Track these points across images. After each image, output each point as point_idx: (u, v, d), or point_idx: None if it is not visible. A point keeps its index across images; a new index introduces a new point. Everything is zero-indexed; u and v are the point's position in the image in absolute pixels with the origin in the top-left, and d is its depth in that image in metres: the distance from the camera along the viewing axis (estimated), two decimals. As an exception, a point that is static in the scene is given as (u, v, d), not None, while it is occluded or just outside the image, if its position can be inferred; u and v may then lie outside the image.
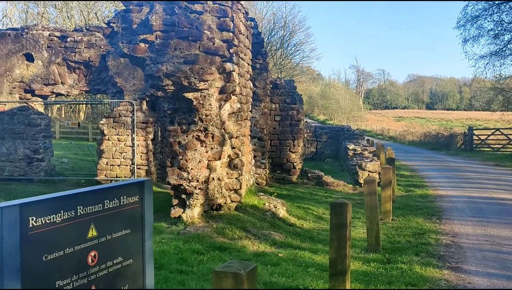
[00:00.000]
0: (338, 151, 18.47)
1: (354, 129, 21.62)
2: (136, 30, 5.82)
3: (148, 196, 1.99)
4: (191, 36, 6.08)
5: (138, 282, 1.94)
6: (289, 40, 41.14)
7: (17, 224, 1.43)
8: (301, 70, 46.92)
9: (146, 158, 11.37)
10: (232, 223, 7.13)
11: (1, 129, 11.17)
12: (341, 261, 4.38)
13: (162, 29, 5.90)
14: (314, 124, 25.13)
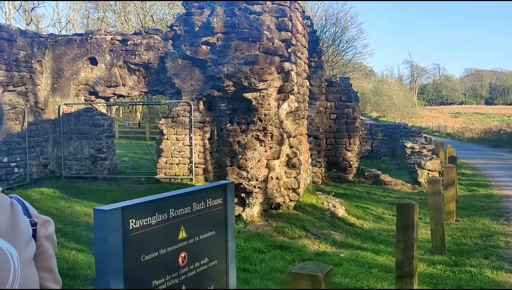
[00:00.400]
0: (395, 149, 18.04)
1: (410, 127, 21.02)
2: (198, 33, 5.95)
3: (230, 198, 2.04)
4: (251, 37, 6.13)
5: (222, 283, 1.99)
6: (341, 36, 40.60)
7: (119, 226, 1.50)
8: (353, 66, 46.20)
9: (204, 157, 11.59)
10: (291, 222, 7.14)
11: (69, 129, 11.76)
12: (408, 263, 4.29)
13: (223, 31, 5.99)
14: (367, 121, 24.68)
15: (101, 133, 11.98)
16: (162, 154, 11.54)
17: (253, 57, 6.16)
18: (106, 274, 1.49)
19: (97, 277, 1.52)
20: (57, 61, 11.81)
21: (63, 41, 11.86)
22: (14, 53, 10.62)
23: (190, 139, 11.40)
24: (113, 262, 1.50)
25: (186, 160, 11.50)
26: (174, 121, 11.50)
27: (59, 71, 11.79)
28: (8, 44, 10.45)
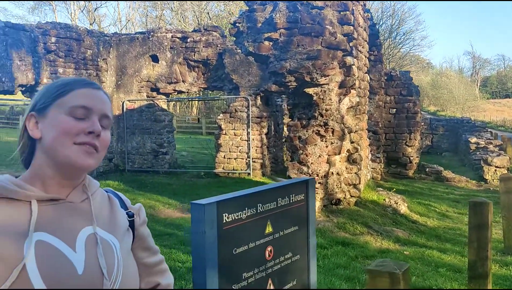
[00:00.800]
0: (457, 144, 17.37)
1: (475, 121, 20.15)
2: (261, 29, 5.99)
3: (312, 194, 2.06)
4: (314, 32, 6.10)
5: (304, 277, 2.02)
6: (398, 28, 39.46)
7: (214, 219, 1.56)
8: (410, 59, 44.80)
9: (261, 152, 11.68)
10: (352, 218, 7.07)
11: (132, 125, 12.21)
12: (481, 264, 4.14)
13: (285, 26, 6.00)
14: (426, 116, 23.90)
15: (162, 128, 12.36)
16: (220, 149, 11.75)
17: (315, 52, 6.13)
18: (203, 265, 1.55)
19: (194, 268, 1.59)
20: (120, 59, 12.28)
21: (126, 40, 12.31)
22: (82, 52, 11.15)
23: (248, 134, 11.53)
24: (209, 254, 1.56)
25: (243, 155, 11.64)
26: (232, 116, 11.67)
27: (122, 68, 12.26)
28: (76, 44, 10.99)
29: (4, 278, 1.02)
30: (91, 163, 1.15)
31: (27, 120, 1.19)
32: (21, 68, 9.74)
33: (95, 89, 1.21)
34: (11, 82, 9.51)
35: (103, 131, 1.18)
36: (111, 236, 1.23)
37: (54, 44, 10.42)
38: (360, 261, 5.54)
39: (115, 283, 1.15)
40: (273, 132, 12.53)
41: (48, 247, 1.09)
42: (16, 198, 1.12)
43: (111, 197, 1.35)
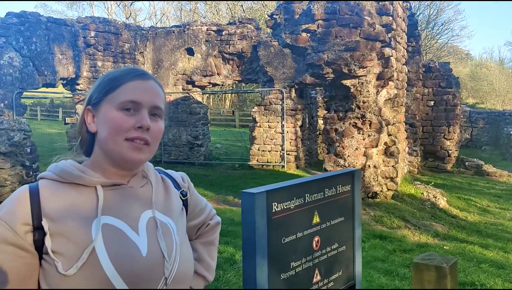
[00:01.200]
0: (498, 138, 16.82)
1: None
2: (298, 20, 5.95)
3: (357, 186, 2.05)
4: (352, 23, 6.02)
5: (349, 269, 2.01)
6: (436, 18, 38.40)
7: (264, 208, 1.57)
8: (448, 50, 43.55)
9: (295, 144, 11.66)
10: (389, 211, 6.98)
11: (168, 117, 12.40)
12: (527, 260, 4.02)
13: (323, 17, 5.94)
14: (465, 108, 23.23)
15: (197, 120, 12.50)
16: (254, 141, 11.79)
17: (353, 43, 6.04)
18: (253, 254, 1.57)
19: (244, 256, 1.61)
20: (157, 52, 12.46)
21: (162, 33, 12.48)
22: (120, 46, 11.37)
23: (282, 126, 11.52)
24: (260, 242, 1.58)
25: (278, 147, 11.65)
26: (267, 109, 11.68)
27: (158, 61, 12.44)
28: (115, 38, 11.21)
29: (75, 258, 1.07)
30: (142, 157, 1.18)
31: (85, 114, 1.23)
32: (62, 62, 10.03)
33: (145, 80, 1.21)
34: (53, 75, 9.81)
35: (154, 122, 1.19)
36: (169, 219, 1.27)
37: (93, 38, 10.67)
38: (398, 255, 5.47)
39: (174, 265, 1.20)
40: (307, 124, 12.47)
41: (114, 230, 1.14)
42: (81, 183, 1.16)
43: (164, 178, 1.38)
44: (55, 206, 1.11)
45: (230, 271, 4.79)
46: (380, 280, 4.59)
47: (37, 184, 1.17)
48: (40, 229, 1.08)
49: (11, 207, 1.10)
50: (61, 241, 1.08)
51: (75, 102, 11.68)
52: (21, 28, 9.04)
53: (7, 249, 1.06)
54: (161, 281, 1.16)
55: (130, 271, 1.10)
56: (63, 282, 1.05)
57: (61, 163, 1.20)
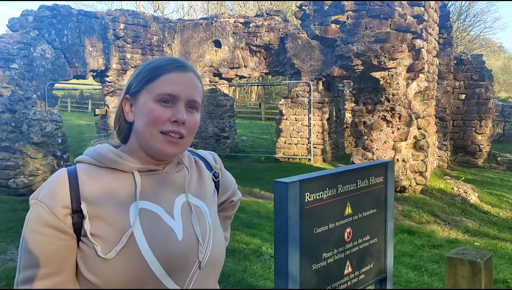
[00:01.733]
0: (531, 133, 16.33)
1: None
2: (328, 11, 5.88)
3: (390, 177, 2.01)
4: (382, 14, 5.91)
5: (381, 261, 1.99)
6: (468, 10, 37.37)
7: (297, 198, 1.56)
8: (481, 42, 42.39)
9: (322, 137, 11.58)
10: (418, 206, 6.87)
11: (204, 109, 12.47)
12: None
13: (353, 8, 5.86)
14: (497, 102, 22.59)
15: (223, 112, 12.54)
16: (281, 134, 11.76)
17: (384, 35, 5.94)
18: (286, 243, 1.57)
19: (276, 245, 1.61)
20: (184, 44, 12.53)
21: (190, 25, 12.54)
22: (148, 38, 11.48)
23: (309, 119, 11.45)
24: (292, 232, 1.57)
25: (304, 140, 11.59)
26: (293, 102, 11.63)
27: (186, 54, 12.52)
28: (143, 30, 11.33)
29: (113, 242, 1.09)
30: (176, 151, 1.19)
31: (123, 103, 1.24)
32: (93, 54, 10.19)
33: (184, 72, 1.21)
34: (83, 67, 9.98)
35: (190, 115, 1.19)
36: (202, 202, 1.28)
37: (122, 30, 10.80)
38: (427, 250, 5.39)
39: (207, 249, 1.21)
40: (334, 117, 12.36)
41: (151, 215, 1.15)
42: (118, 168, 1.18)
43: (197, 160, 1.38)
44: (93, 189, 1.13)
45: (256, 262, 4.81)
46: (408, 275, 4.53)
47: (74, 168, 1.18)
48: (79, 212, 1.10)
49: (50, 190, 1.11)
50: (99, 224, 1.10)
51: (104, 94, 11.87)
52: (53, 20, 9.22)
53: (47, 232, 1.08)
54: (195, 265, 1.17)
55: (167, 255, 1.12)
56: (102, 265, 1.07)
57: (97, 147, 1.22)
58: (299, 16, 6.05)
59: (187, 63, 1.27)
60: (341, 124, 13.11)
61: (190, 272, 1.16)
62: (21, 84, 8.44)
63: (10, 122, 8.11)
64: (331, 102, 12.00)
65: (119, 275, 1.07)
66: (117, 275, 1.07)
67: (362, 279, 1.91)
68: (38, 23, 8.95)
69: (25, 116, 8.11)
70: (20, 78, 8.47)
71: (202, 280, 1.20)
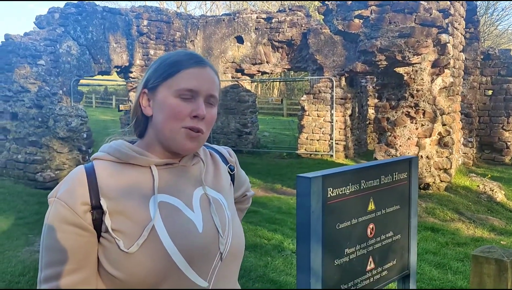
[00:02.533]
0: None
1: None
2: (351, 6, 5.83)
3: (415, 173, 1.99)
4: (407, 8, 5.83)
5: (404, 258, 1.97)
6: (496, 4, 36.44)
7: (320, 193, 1.55)
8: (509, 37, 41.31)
9: (344, 134, 11.50)
10: (442, 203, 6.77)
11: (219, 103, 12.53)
12: None
13: (377, 3, 5.78)
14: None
15: (246, 108, 12.56)
16: (303, 130, 11.72)
17: (408, 30, 5.85)
18: (308, 238, 1.56)
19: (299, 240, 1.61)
20: (207, 40, 12.59)
21: (212, 22, 12.58)
22: (171, 34, 11.57)
23: (331, 115, 11.38)
24: (314, 227, 1.57)
25: (326, 137, 11.53)
26: (316, 98, 11.57)
27: (209, 50, 12.57)
28: (166, 26, 11.42)
29: (135, 236, 1.10)
30: (195, 146, 1.20)
31: (141, 97, 1.24)
32: (117, 50, 10.33)
33: (203, 68, 1.21)
34: (108, 64, 10.13)
35: (208, 109, 1.20)
36: (220, 195, 1.29)
37: (146, 26, 10.91)
38: (451, 248, 5.31)
39: (227, 240, 1.22)
40: (357, 113, 12.26)
41: (170, 208, 1.17)
42: (136, 163, 1.19)
43: (213, 154, 1.40)
44: (112, 185, 1.14)
45: (278, 257, 4.82)
46: (432, 273, 4.48)
47: (92, 164, 1.19)
48: (98, 208, 1.11)
49: (69, 188, 1.12)
50: (120, 219, 1.11)
51: (128, 90, 12.02)
52: (78, 17, 9.38)
53: (67, 229, 1.09)
54: (216, 256, 1.18)
55: (189, 247, 1.13)
56: (125, 259, 1.08)
57: (113, 143, 1.23)
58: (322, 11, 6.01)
59: (204, 58, 1.27)
60: (364, 120, 12.99)
61: (212, 263, 1.17)
62: (48, 80, 8.61)
63: (37, 117, 8.30)
64: (353, 98, 11.90)
65: (142, 268, 1.08)
66: (140, 268, 1.07)
67: (385, 276, 1.90)
68: (64, 20, 9.11)
69: (52, 111, 8.28)
70: (47, 74, 8.64)
71: (224, 271, 1.20)
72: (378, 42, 5.81)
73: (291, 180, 8.90)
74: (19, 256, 4.88)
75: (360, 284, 1.79)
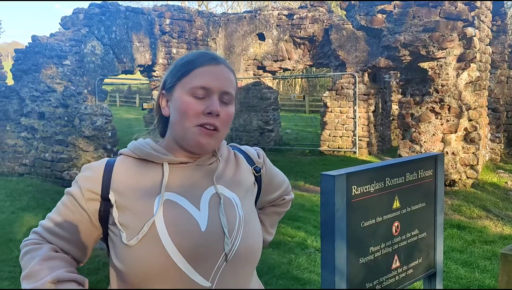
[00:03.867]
0: None
1: None
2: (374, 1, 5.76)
3: (440, 171, 1.96)
4: (431, 2, 5.73)
5: (430, 256, 1.94)
6: (524, -5, 35.47)
7: (344, 191, 1.55)
8: (538, 29, 40.16)
9: (367, 130, 11.38)
10: (469, 201, 6.65)
11: (239, 102, 12.56)
12: None
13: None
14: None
15: (267, 106, 12.55)
16: (326, 127, 11.65)
17: (432, 24, 5.75)
18: (332, 235, 1.56)
19: (323, 238, 1.60)
20: (228, 38, 12.62)
21: (234, 19, 12.60)
22: (193, 33, 11.64)
23: (354, 111, 11.27)
24: (339, 225, 1.56)
25: (349, 133, 11.43)
26: (338, 94, 11.47)
27: (230, 47, 12.60)
28: (188, 25, 11.49)
29: (137, 230, 1.13)
30: (211, 143, 1.20)
31: (160, 98, 1.27)
32: (140, 49, 10.45)
33: (216, 65, 1.22)
34: (131, 63, 10.26)
35: (223, 107, 1.21)
36: (234, 194, 1.28)
37: (168, 25, 11.00)
38: (478, 246, 5.21)
39: (235, 240, 1.20)
40: (380, 109, 12.11)
41: (175, 206, 1.18)
42: (150, 160, 1.22)
43: (237, 154, 1.40)
44: (124, 180, 1.19)
45: (301, 255, 4.81)
46: (459, 272, 4.41)
47: (114, 159, 1.26)
48: (107, 200, 1.18)
49: (87, 173, 1.22)
50: (126, 213, 1.16)
51: (151, 88, 12.16)
52: (102, 17, 9.52)
53: (72, 202, 1.20)
54: (220, 257, 1.16)
55: (188, 245, 1.13)
56: (126, 252, 1.12)
57: (138, 140, 1.28)
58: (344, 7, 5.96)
59: (219, 56, 1.28)
60: (388, 116, 12.83)
61: (216, 264, 1.15)
62: (73, 79, 8.77)
63: (63, 117, 8.47)
64: (377, 94, 11.76)
65: (141, 262, 1.11)
66: (139, 262, 1.11)
67: (410, 274, 1.88)
68: (88, 21, 9.26)
69: (77, 110, 8.43)
70: (72, 74, 8.80)
71: (230, 273, 1.18)
72: (401, 37, 5.73)
73: (314, 178, 8.86)
74: (48, 253, 5.00)
75: (385, 282, 1.77)
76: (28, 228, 5.84)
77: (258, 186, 1.41)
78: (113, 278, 1.20)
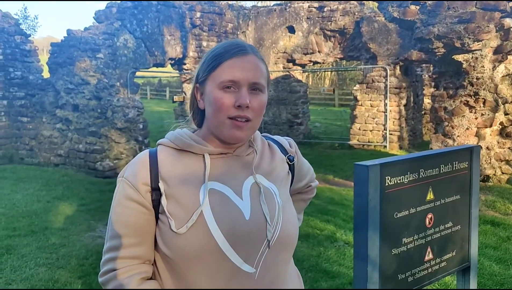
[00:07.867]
0: None
1: None
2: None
3: (476, 163, 1.92)
4: (467, -8, 5.59)
5: (464, 249, 1.92)
6: None
7: (377, 181, 1.54)
8: None
9: (399, 124, 11.21)
10: (504, 196, 6.48)
11: (269, 96, 12.56)
12: None
13: (435, -12, 5.59)
14: None
15: (297, 99, 12.51)
16: (356, 120, 11.53)
17: (468, 15, 5.60)
18: (365, 226, 1.56)
19: (356, 228, 1.61)
20: (258, 31, 12.61)
21: (264, 12, 12.58)
22: (223, 26, 11.69)
23: (385, 105, 11.12)
24: (372, 215, 1.56)
25: (380, 127, 11.29)
26: (369, 87, 11.33)
27: (260, 40, 12.59)
28: (218, 18, 11.54)
29: (185, 219, 1.17)
30: (243, 135, 1.23)
31: (195, 91, 1.31)
32: (171, 43, 10.57)
33: (244, 56, 1.23)
34: (162, 56, 10.39)
35: (254, 97, 1.22)
36: (271, 184, 1.32)
37: (199, 19, 11.08)
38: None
39: (276, 227, 1.24)
40: (412, 103, 11.91)
41: (219, 195, 1.22)
42: (192, 151, 1.26)
43: (271, 144, 1.43)
44: (170, 170, 1.22)
45: (331, 248, 4.80)
46: (492, 268, 4.32)
47: (156, 149, 1.28)
48: (157, 190, 1.20)
49: (133, 169, 1.23)
50: (173, 202, 1.19)
51: (181, 81, 12.29)
52: (134, 11, 9.66)
53: (131, 205, 1.20)
54: (264, 243, 1.21)
55: (234, 233, 1.18)
56: (175, 239, 1.16)
57: (176, 131, 1.31)
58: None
59: (247, 45, 1.28)
60: (419, 110, 12.60)
61: (260, 250, 1.20)
62: (106, 72, 8.96)
63: (96, 109, 8.66)
64: (408, 87, 11.56)
65: (189, 248, 1.15)
66: (187, 248, 1.15)
67: (443, 267, 1.86)
68: (121, 14, 9.42)
69: (110, 103, 8.62)
70: (105, 67, 8.99)
71: (272, 258, 1.23)
72: (435, 29, 5.61)
73: (343, 171, 8.80)
74: (83, 241, 5.15)
75: (418, 274, 1.76)
76: (64, 217, 6.03)
77: (291, 175, 1.44)
78: (159, 262, 1.23)
